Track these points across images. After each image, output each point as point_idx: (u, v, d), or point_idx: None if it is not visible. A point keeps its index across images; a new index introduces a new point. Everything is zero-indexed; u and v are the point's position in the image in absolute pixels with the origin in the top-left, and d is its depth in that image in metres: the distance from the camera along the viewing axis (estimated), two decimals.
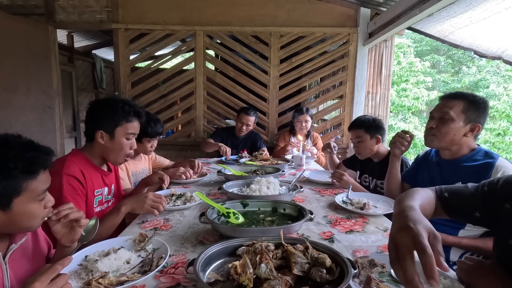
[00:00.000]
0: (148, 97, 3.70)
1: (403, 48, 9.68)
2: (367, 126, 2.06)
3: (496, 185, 0.89)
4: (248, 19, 3.54)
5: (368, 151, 2.11)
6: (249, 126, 3.15)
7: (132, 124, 1.44)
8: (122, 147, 1.44)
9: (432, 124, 1.48)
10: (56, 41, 3.50)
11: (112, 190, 1.57)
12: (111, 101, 1.44)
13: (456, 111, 1.41)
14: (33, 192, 0.82)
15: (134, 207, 1.32)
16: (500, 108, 7.73)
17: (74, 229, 0.95)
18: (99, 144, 1.41)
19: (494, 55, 2.50)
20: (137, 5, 3.50)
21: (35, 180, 0.82)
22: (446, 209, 0.93)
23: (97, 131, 1.39)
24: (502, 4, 2.00)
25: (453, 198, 0.93)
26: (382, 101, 3.73)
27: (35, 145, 0.86)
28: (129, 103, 1.45)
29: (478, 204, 0.90)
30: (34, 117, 3.35)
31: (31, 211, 0.83)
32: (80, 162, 1.38)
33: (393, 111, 9.11)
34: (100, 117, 1.40)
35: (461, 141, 1.44)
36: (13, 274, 0.86)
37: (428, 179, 1.60)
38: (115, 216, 1.29)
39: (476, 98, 1.42)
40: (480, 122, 1.42)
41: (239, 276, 0.77)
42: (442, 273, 0.88)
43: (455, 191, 0.95)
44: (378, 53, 3.64)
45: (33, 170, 0.82)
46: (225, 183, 1.74)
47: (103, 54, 6.13)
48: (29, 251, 0.95)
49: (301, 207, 1.29)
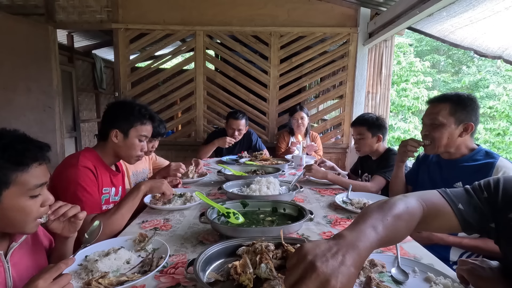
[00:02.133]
0: (148, 97, 3.70)
1: (403, 48, 9.69)
2: (369, 124, 2.09)
3: (495, 190, 0.80)
4: (248, 19, 3.54)
5: (368, 149, 2.13)
6: (241, 131, 3.02)
7: (146, 127, 1.52)
8: (134, 148, 1.50)
9: (425, 131, 1.49)
10: (56, 41, 3.50)
11: (120, 192, 1.60)
12: (128, 103, 1.52)
13: (444, 114, 1.41)
14: (23, 186, 0.80)
15: (153, 186, 1.42)
16: (500, 108, 7.73)
17: (74, 223, 0.96)
18: (113, 143, 1.47)
19: (495, 55, 2.50)
20: (137, 5, 3.50)
21: (26, 173, 0.80)
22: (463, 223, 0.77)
23: (112, 130, 1.46)
24: (502, 4, 2.00)
25: (468, 210, 0.78)
26: (382, 101, 3.73)
27: (28, 138, 0.84)
28: (145, 107, 1.53)
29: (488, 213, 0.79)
30: (34, 117, 3.35)
31: (23, 207, 0.81)
32: (92, 158, 1.43)
33: (393, 111, 9.11)
34: (117, 117, 1.48)
35: (457, 142, 1.43)
36: (15, 272, 0.86)
37: (428, 179, 1.60)
38: (136, 195, 1.35)
39: (461, 98, 1.41)
40: (472, 120, 1.40)
41: (239, 276, 0.77)
42: (442, 273, 0.89)
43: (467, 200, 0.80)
44: (378, 53, 3.64)
45: (22, 162, 0.80)
46: (225, 183, 1.74)
47: (103, 54, 6.13)
48: (30, 248, 0.95)
49: (301, 207, 1.28)
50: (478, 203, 0.79)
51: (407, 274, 0.88)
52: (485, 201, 0.79)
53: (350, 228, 0.60)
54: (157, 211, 1.48)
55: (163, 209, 1.49)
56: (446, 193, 0.80)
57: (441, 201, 0.79)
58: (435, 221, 0.77)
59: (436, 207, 0.77)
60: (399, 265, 0.91)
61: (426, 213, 0.74)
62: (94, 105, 6.12)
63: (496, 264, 0.86)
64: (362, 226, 0.60)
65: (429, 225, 0.79)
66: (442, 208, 0.78)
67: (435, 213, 0.76)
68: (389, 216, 0.65)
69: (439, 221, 0.78)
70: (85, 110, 5.77)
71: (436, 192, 0.81)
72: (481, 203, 0.79)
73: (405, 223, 0.68)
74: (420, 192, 0.80)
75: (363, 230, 0.59)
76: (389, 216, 0.65)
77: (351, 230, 0.59)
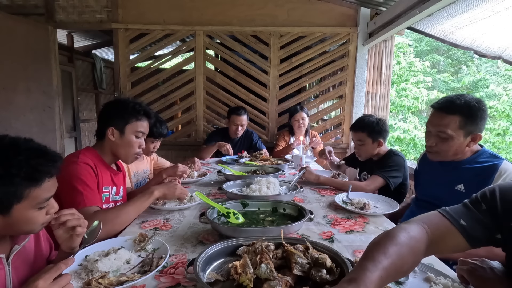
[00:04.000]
0: (148, 97, 3.70)
1: (403, 48, 9.68)
2: (370, 130, 2.00)
3: (492, 200, 0.79)
4: (248, 19, 3.54)
5: (369, 155, 2.09)
6: (243, 126, 3.12)
7: (141, 122, 1.51)
8: (132, 145, 1.49)
9: (431, 142, 1.41)
10: (56, 41, 3.50)
11: (121, 191, 1.59)
12: (122, 101, 1.52)
13: (453, 127, 1.32)
14: (34, 200, 0.80)
15: (166, 193, 1.44)
16: (500, 108, 7.72)
17: (72, 237, 0.92)
18: (110, 141, 1.47)
19: (494, 55, 2.50)
20: (137, 5, 3.50)
21: (39, 188, 0.80)
22: (469, 239, 0.76)
23: (108, 128, 1.45)
24: (502, 4, 2.00)
25: (471, 224, 0.77)
26: (382, 101, 3.73)
27: (43, 151, 0.83)
28: (139, 103, 1.53)
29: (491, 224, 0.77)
30: (34, 117, 3.35)
31: (31, 218, 0.82)
32: (92, 157, 1.43)
33: (393, 111, 9.11)
34: (112, 115, 1.47)
35: (464, 150, 1.38)
36: (16, 275, 0.86)
37: (430, 181, 1.58)
38: (147, 199, 1.36)
39: (472, 110, 1.30)
40: (481, 130, 1.34)
41: (239, 276, 0.77)
42: (442, 273, 0.89)
43: (469, 215, 0.79)
44: (378, 53, 3.64)
45: (37, 178, 0.80)
46: (225, 183, 1.74)
47: (103, 54, 6.13)
48: (31, 251, 0.95)
49: (301, 207, 1.28)
50: (479, 215, 0.78)
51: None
52: (485, 213, 0.78)
53: (354, 269, 0.64)
54: (157, 211, 1.48)
55: (163, 209, 1.49)
56: (446, 212, 0.79)
57: (442, 221, 0.78)
58: (442, 243, 0.76)
59: (439, 228, 0.76)
60: None
61: (431, 237, 0.74)
62: (94, 105, 6.12)
63: (497, 265, 0.86)
64: (364, 262, 0.63)
65: (438, 248, 0.78)
66: (445, 228, 0.77)
67: (440, 234, 0.76)
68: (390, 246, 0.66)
69: (446, 241, 0.77)
70: (85, 110, 5.77)
71: (436, 213, 0.80)
72: (482, 216, 0.78)
73: (409, 250, 0.68)
74: (420, 216, 0.79)
75: (364, 265, 0.62)
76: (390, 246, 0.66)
77: (354, 270, 0.63)
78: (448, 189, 1.43)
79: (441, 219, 0.78)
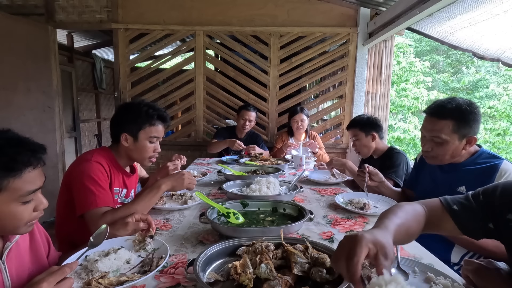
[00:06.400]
0: (148, 97, 3.70)
1: (403, 48, 9.68)
2: (361, 125, 2.15)
3: (492, 194, 0.84)
4: (248, 19, 3.54)
5: (366, 149, 2.17)
6: (251, 122, 3.16)
7: (156, 127, 1.46)
8: (146, 150, 1.46)
9: (427, 147, 1.42)
10: (56, 41, 3.50)
11: (131, 195, 1.58)
12: (135, 105, 1.46)
13: (447, 132, 1.33)
14: (15, 192, 0.76)
15: (174, 184, 1.39)
16: (500, 108, 7.72)
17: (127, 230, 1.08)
18: (124, 147, 1.44)
19: (493, 57, 2.50)
20: (137, 5, 3.50)
21: (19, 179, 0.76)
22: (460, 226, 0.85)
23: (122, 134, 1.43)
24: (500, 7, 2.00)
25: (463, 211, 0.85)
26: (382, 101, 3.73)
27: (21, 140, 0.79)
28: (153, 107, 1.47)
29: (485, 215, 0.84)
30: (34, 117, 3.34)
31: (14, 213, 0.77)
32: (106, 157, 1.42)
33: (393, 111, 9.11)
34: (125, 120, 1.44)
35: (461, 153, 1.39)
36: (13, 272, 0.85)
37: (430, 183, 1.56)
38: (155, 194, 1.34)
39: (464, 114, 1.31)
40: (475, 132, 1.35)
41: (239, 276, 0.77)
42: (442, 273, 0.89)
43: (463, 203, 0.87)
44: (378, 53, 3.64)
45: (14, 168, 0.75)
46: (225, 183, 1.74)
47: (103, 54, 6.13)
48: (27, 245, 0.94)
49: (301, 207, 1.29)
50: (473, 204, 0.86)
51: (407, 274, 0.88)
52: (481, 203, 0.85)
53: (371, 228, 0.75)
54: (157, 211, 1.48)
55: (163, 209, 1.49)
56: (444, 198, 0.90)
57: (439, 206, 0.89)
58: (436, 225, 0.88)
59: (436, 211, 0.87)
60: (399, 265, 0.91)
61: (428, 217, 0.86)
62: (94, 105, 6.11)
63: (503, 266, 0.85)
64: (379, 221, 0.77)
65: (433, 229, 0.88)
66: (441, 212, 0.87)
67: (436, 216, 0.87)
68: (399, 211, 0.81)
69: (440, 224, 0.88)
70: (85, 110, 5.77)
71: (437, 199, 0.90)
72: (476, 205, 0.86)
73: (414, 218, 0.82)
74: (422, 200, 0.91)
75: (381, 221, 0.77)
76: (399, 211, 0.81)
77: (372, 228, 0.74)
78: (450, 191, 1.41)
79: (438, 204, 0.89)
